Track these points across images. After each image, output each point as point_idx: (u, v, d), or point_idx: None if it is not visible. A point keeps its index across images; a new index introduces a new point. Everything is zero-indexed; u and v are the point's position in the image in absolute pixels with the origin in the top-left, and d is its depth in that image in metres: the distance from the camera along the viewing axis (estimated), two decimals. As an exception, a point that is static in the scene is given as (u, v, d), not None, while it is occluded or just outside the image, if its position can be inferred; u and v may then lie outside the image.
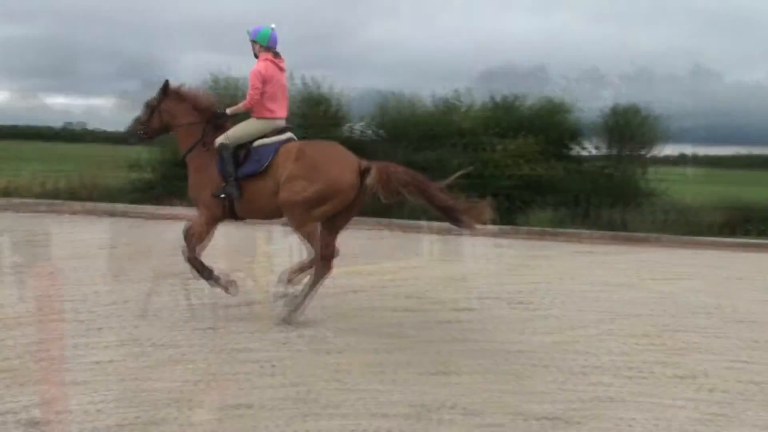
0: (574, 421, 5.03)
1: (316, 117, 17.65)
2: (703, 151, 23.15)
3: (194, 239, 7.53)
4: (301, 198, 7.09)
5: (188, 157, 7.81)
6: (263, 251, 11.61)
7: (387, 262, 11.27)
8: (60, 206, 16.20)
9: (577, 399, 5.46)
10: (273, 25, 7.66)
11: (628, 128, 18.01)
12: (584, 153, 18.71)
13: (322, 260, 7.38)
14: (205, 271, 7.58)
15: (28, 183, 18.29)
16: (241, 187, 7.36)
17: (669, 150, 18.97)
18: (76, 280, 8.66)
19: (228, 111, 7.80)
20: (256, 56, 7.68)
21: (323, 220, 7.39)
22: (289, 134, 7.71)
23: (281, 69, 7.73)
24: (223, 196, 7.41)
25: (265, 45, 7.62)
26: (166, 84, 7.92)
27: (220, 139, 7.52)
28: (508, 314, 8.10)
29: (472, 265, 11.35)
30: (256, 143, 7.48)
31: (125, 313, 7.33)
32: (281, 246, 10.99)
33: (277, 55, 7.69)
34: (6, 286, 8.27)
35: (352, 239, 13.53)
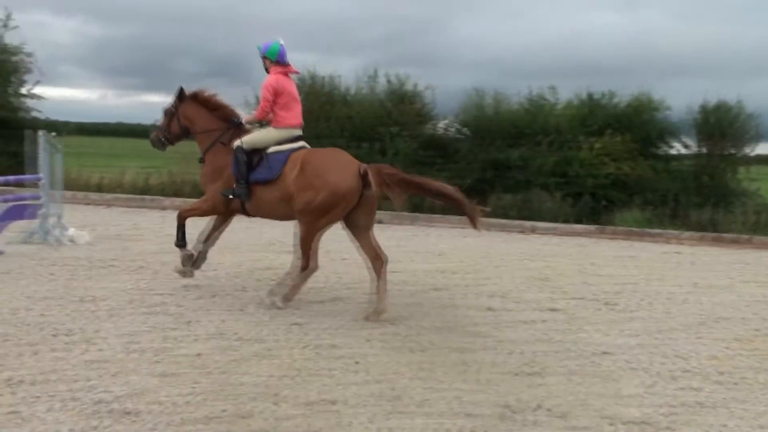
0: (663, 426, 4.91)
1: (403, 114, 17.71)
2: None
3: (190, 213, 8.29)
4: (314, 206, 7.38)
5: (207, 153, 8.22)
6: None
7: (470, 260, 11.22)
8: (154, 202, 16.65)
9: (665, 404, 5.34)
10: (281, 41, 7.97)
11: (719, 126, 17.55)
12: (674, 152, 18.33)
13: (372, 263, 7.60)
14: (180, 236, 8.20)
15: (123, 179, 18.88)
16: (251, 190, 7.72)
17: (761, 149, 18.40)
18: (166, 274, 8.87)
19: (243, 120, 8.18)
20: (267, 70, 8.02)
21: (330, 226, 7.68)
22: (301, 143, 7.99)
23: (293, 73, 8.13)
24: (231, 197, 7.82)
25: (274, 59, 7.95)
26: (181, 90, 8.35)
27: (236, 142, 7.84)
28: (594, 315, 7.98)
29: (557, 264, 11.21)
30: (270, 150, 7.78)
31: (212, 307, 7.48)
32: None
33: (287, 64, 8.01)
34: (100, 279, 8.53)
35: (434, 238, 13.56)
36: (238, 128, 8.11)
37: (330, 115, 17.93)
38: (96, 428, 4.43)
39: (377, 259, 7.56)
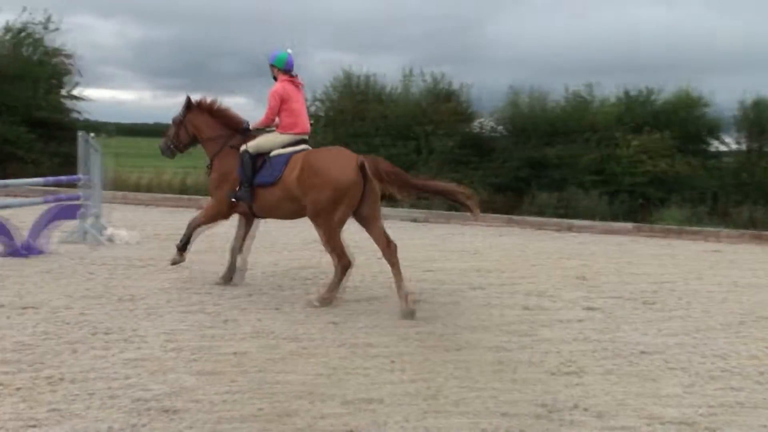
0: (703, 427, 4.85)
1: (439, 113, 17.70)
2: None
3: (201, 221, 8.52)
4: (321, 206, 7.53)
5: (215, 158, 8.45)
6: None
7: (506, 259, 11.18)
8: (191, 201, 16.77)
9: (704, 404, 5.27)
10: (289, 50, 8.23)
11: (759, 123, 17.33)
12: (713, 149, 18.15)
13: (384, 252, 7.69)
14: (185, 241, 8.54)
15: (161, 179, 19.06)
16: (255, 192, 7.93)
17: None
18: (203, 273, 8.93)
19: (250, 126, 8.38)
20: (275, 78, 8.24)
21: (345, 221, 7.75)
22: (304, 146, 8.15)
23: (298, 86, 8.27)
24: (234, 200, 8.07)
25: (282, 68, 8.19)
26: (188, 99, 8.63)
27: (243, 147, 8.06)
28: (632, 314, 7.91)
29: (594, 263, 11.12)
30: (273, 153, 7.98)
31: (249, 306, 7.53)
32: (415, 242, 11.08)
33: (294, 75, 8.24)
34: (138, 278, 8.63)
35: (469, 236, 13.52)
36: (246, 134, 8.32)
37: (365, 114, 17.98)
38: (134, 426, 4.48)
39: (388, 247, 7.65)
